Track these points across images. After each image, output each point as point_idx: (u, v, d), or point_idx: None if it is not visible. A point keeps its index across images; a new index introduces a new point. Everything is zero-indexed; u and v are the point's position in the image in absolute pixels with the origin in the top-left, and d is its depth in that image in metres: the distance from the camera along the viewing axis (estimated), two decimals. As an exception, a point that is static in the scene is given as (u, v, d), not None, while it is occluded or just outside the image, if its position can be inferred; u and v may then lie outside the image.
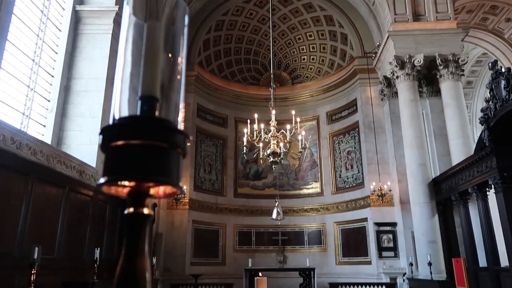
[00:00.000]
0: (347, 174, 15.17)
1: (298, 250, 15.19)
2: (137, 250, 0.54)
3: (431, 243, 10.55)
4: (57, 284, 7.06)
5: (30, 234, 6.55)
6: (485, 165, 8.87)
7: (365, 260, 13.58)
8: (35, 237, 6.42)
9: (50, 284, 6.76)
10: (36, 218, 6.85)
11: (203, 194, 14.89)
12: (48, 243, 6.91)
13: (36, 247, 5.04)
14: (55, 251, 7.41)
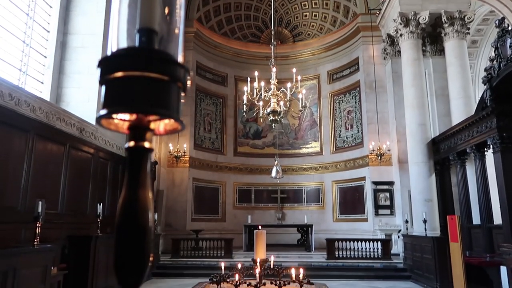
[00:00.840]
0: (346, 134, 15.21)
1: (297, 208, 15.53)
2: (139, 182, 0.54)
3: (427, 201, 10.76)
4: (61, 238, 7.26)
5: (33, 189, 6.67)
6: (485, 125, 8.87)
7: (361, 218, 13.92)
8: (38, 192, 6.53)
9: (55, 238, 6.95)
10: (38, 174, 6.94)
11: (203, 152, 15.00)
12: (51, 199, 7.05)
13: (40, 201, 5.13)
14: (58, 206, 7.58)
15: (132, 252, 0.54)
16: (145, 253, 0.54)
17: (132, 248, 0.53)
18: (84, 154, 8.68)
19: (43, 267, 5.01)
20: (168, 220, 13.38)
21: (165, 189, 13.41)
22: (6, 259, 4.39)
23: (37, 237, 5.22)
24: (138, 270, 0.54)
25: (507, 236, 7.78)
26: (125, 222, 0.54)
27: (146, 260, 0.54)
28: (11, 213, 6.21)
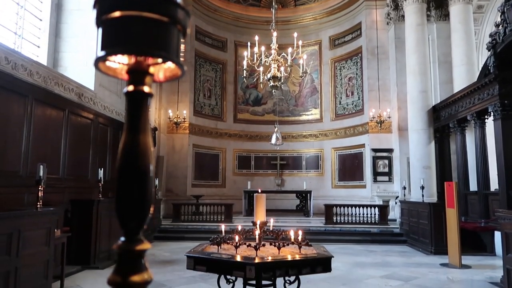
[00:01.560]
0: (347, 101, 15.12)
1: (296, 174, 15.68)
2: (139, 127, 0.54)
3: (426, 168, 10.85)
4: (64, 202, 7.38)
5: (34, 154, 6.71)
6: (487, 92, 8.81)
7: (360, 184, 14.08)
8: (39, 157, 6.57)
9: (57, 202, 7.06)
10: (39, 139, 6.96)
11: (203, 119, 14.96)
12: (52, 164, 7.10)
13: (41, 165, 5.17)
14: (60, 171, 7.65)
15: (133, 196, 0.54)
16: (146, 197, 0.54)
17: (133, 192, 0.54)
18: (84, 119, 8.66)
19: (47, 229, 5.11)
20: (169, 186, 13.54)
21: (165, 155, 13.48)
22: (10, 221, 4.47)
23: (39, 201, 5.28)
24: (140, 214, 0.55)
25: (502, 202, 7.91)
26: (126, 166, 0.54)
27: (147, 205, 0.55)
28: (13, 178, 6.28)
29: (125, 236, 0.56)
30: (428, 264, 7.62)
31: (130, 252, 0.55)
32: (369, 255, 8.48)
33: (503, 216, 5.38)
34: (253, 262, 2.98)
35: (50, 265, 5.18)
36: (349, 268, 7.09)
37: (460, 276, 6.60)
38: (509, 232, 5.19)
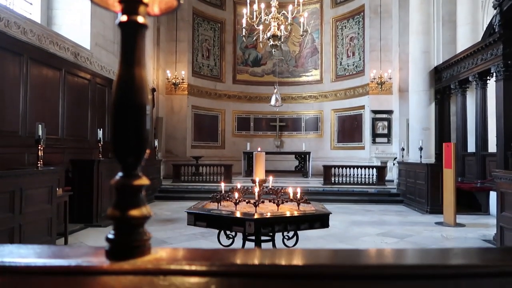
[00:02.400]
0: (348, 62, 14.88)
1: (295, 136, 15.71)
2: (134, 60, 0.52)
3: (425, 130, 10.85)
4: (64, 162, 7.43)
5: (32, 114, 6.68)
6: (491, 52, 8.66)
7: (358, 146, 14.15)
8: (38, 117, 6.55)
9: (58, 162, 7.11)
10: (36, 99, 6.90)
11: (201, 80, 14.78)
12: (51, 124, 7.08)
13: (40, 125, 5.15)
14: (59, 131, 7.65)
15: (130, 131, 0.53)
16: (143, 132, 0.53)
17: (129, 127, 0.53)
18: (81, 80, 8.56)
19: (48, 188, 5.18)
20: (168, 147, 13.60)
21: (164, 116, 13.44)
22: (12, 180, 4.52)
23: (40, 160, 5.31)
24: (137, 149, 0.54)
25: (500, 162, 7.98)
26: (121, 100, 0.53)
27: (145, 140, 0.54)
28: (12, 138, 6.29)
29: (123, 171, 0.55)
30: (424, 222, 7.80)
31: (128, 187, 0.55)
32: (366, 214, 8.66)
33: (499, 175, 5.44)
34: (252, 217, 3.04)
35: (54, 222, 5.28)
36: (346, 226, 7.25)
37: (454, 234, 6.77)
38: (504, 191, 5.27)
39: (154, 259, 0.54)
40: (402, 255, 0.61)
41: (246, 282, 0.50)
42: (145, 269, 0.51)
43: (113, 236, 0.54)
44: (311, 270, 0.52)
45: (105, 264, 0.52)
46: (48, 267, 0.52)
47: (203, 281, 0.50)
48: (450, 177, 7.66)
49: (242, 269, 0.52)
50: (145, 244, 0.55)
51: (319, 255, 0.59)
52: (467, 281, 0.51)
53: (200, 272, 0.51)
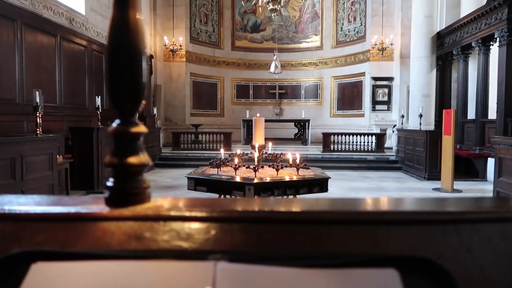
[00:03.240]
0: (349, 27, 14.57)
1: (294, 103, 15.62)
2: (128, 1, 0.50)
3: (425, 96, 10.78)
4: (64, 130, 7.42)
5: (29, 82, 6.61)
6: (495, 17, 8.47)
7: (358, 113, 14.10)
8: (34, 85, 6.48)
9: (57, 130, 7.10)
10: (32, 66, 6.81)
11: (199, 46, 14.52)
12: (48, 91, 7.02)
13: (37, 91, 5.11)
14: (57, 99, 7.59)
15: (126, 76, 0.52)
16: (139, 77, 0.52)
17: (125, 72, 0.51)
18: (77, 46, 8.41)
19: (49, 155, 5.20)
20: (167, 115, 13.55)
21: (163, 84, 13.31)
22: (12, 147, 4.53)
23: (39, 127, 5.30)
24: (134, 95, 0.53)
25: (499, 129, 7.98)
26: (116, 44, 0.51)
27: (141, 85, 0.52)
28: (10, 106, 6.25)
29: (120, 118, 0.54)
30: (421, 188, 7.89)
31: (126, 134, 0.54)
32: (365, 181, 8.75)
33: (498, 141, 5.46)
34: (252, 182, 3.06)
35: (55, 189, 5.34)
36: (344, 192, 7.34)
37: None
38: (503, 156, 5.30)
39: (154, 206, 0.54)
40: (401, 203, 0.61)
41: (246, 227, 0.50)
42: (145, 215, 0.51)
43: (112, 183, 0.54)
44: (309, 215, 0.53)
45: (104, 211, 0.52)
46: (47, 214, 0.52)
47: (203, 226, 0.50)
48: (449, 144, 7.68)
49: (242, 215, 0.52)
50: (145, 191, 0.55)
51: (318, 203, 0.60)
52: (467, 226, 0.51)
53: (200, 218, 0.51)
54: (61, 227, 0.50)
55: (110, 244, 0.48)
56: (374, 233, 0.50)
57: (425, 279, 0.44)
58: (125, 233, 0.49)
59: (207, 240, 0.48)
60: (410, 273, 0.44)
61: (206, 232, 0.50)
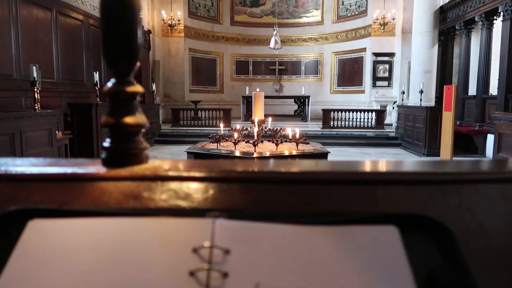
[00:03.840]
0: (350, 1, 14.28)
1: (294, 80, 15.49)
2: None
3: (426, 72, 10.67)
4: (62, 106, 7.38)
5: (25, 57, 6.53)
6: (500, -10, 8.30)
7: (358, 89, 14.01)
8: (31, 60, 6.40)
9: (56, 105, 7.07)
10: (28, 41, 6.71)
11: (198, 21, 14.27)
12: (46, 67, 6.95)
13: (34, 66, 5.05)
14: (54, 75, 7.52)
15: (121, 33, 0.50)
16: (134, 33, 0.50)
17: (120, 29, 0.50)
18: (74, 21, 8.26)
19: (48, 130, 5.19)
20: (167, 91, 13.46)
21: (161, 60, 13.16)
22: (10, 122, 4.51)
23: (37, 103, 5.27)
24: (130, 52, 0.51)
25: (499, 104, 7.95)
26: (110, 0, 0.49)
27: (136, 42, 0.51)
28: (7, 82, 6.19)
29: (115, 77, 0.53)
30: (420, 164, 7.91)
31: (121, 93, 0.53)
32: (364, 157, 8.77)
33: (498, 117, 5.45)
34: (251, 156, 3.07)
35: (55, 164, 5.35)
36: (344, 168, 7.37)
37: (449, 175, 6.89)
38: (502, 132, 5.30)
39: (152, 167, 0.53)
40: (400, 165, 0.61)
41: (245, 187, 0.50)
42: (143, 175, 0.51)
43: (109, 144, 0.53)
44: (308, 176, 0.52)
45: (101, 171, 0.51)
46: (43, 174, 0.51)
47: (201, 186, 0.50)
48: (449, 120, 7.66)
49: (241, 175, 0.51)
50: (142, 152, 0.54)
51: (317, 165, 0.59)
52: (467, 186, 0.51)
53: (199, 177, 0.51)
54: (57, 187, 0.50)
55: (108, 204, 0.47)
56: (373, 193, 0.50)
57: (425, 236, 0.44)
58: (122, 193, 0.49)
59: (206, 199, 0.48)
60: (410, 230, 0.44)
61: (204, 191, 0.49)
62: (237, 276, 0.38)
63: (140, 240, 0.41)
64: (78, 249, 0.40)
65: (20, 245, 0.41)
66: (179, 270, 0.38)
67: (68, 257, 0.39)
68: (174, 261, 0.39)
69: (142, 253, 0.40)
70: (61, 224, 0.43)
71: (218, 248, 0.40)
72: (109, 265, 0.39)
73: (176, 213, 0.45)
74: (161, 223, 0.43)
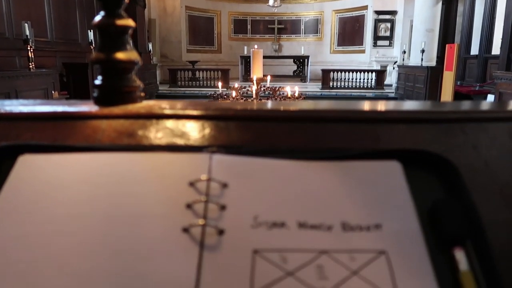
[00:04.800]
0: (352, -44, 13.73)
1: (294, 39, 15.14)
2: None
3: (429, 31, 10.43)
4: (57, 66, 7.26)
5: (17, 14, 6.32)
6: None
7: (359, 49, 13.74)
8: (23, 18, 6.20)
9: (51, 65, 6.94)
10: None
11: (194, -23, 13.76)
12: (39, 25, 6.74)
13: (26, 23, 4.90)
14: (48, 33, 7.33)
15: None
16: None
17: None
18: (65, -23, 7.95)
19: (44, 90, 5.12)
20: (163, 51, 13.19)
21: (157, 18, 12.79)
22: (6, 81, 4.45)
23: (31, 62, 5.17)
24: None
25: (501, 64, 7.83)
26: None
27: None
28: (0, 41, 6.03)
29: (104, 10, 0.50)
30: (419, 125, 7.91)
31: (111, 27, 0.50)
32: (363, 118, 8.74)
33: (500, 76, 5.38)
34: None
35: (53, 125, 5.32)
36: (343, 129, 7.36)
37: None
38: (503, 91, 5.25)
39: (147, 105, 0.51)
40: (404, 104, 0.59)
41: (243, 125, 0.48)
42: (137, 113, 0.49)
43: (101, 81, 0.51)
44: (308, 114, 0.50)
45: (94, 109, 0.49)
46: (33, 113, 0.49)
47: (198, 124, 0.48)
48: (450, 80, 7.58)
49: (239, 113, 0.50)
50: (136, 91, 0.52)
51: (317, 104, 0.57)
52: (473, 124, 0.49)
53: (195, 116, 0.49)
54: (48, 126, 0.48)
55: (101, 141, 0.46)
56: (375, 132, 0.48)
57: (429, 172, 0.43)
58: (116, 131, 0.47)
59: (203, 137, 0.46)
60: (413, 166, 0.43)
61: (201, 129, 0.47)
62: (235, 208, 0.38)
63: (135, 174, 0.40)
64: (70, 182, 0.39)
65: (11, 180, 0.39)
66: (176, 203, 0.37)
67: (60, 190, 0.38)
68: (171, 194, 0.38)
69: (138, 186, 0.39)
70: (53, 159, 0.41)
71: (216, 181, 0.39)
72: (103, 197, 0.38)
73: (172, 150, 0.43)
74: (156, 157, 0.42)
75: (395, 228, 0.37)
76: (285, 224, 0.37)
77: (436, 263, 0.36)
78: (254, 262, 0.34)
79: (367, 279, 0.34)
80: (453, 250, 0.37)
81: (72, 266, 0.33)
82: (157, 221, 0.36)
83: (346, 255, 0.35)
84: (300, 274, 0.34)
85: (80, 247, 0.34)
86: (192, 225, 0.36)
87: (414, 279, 0.34)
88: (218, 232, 0.36)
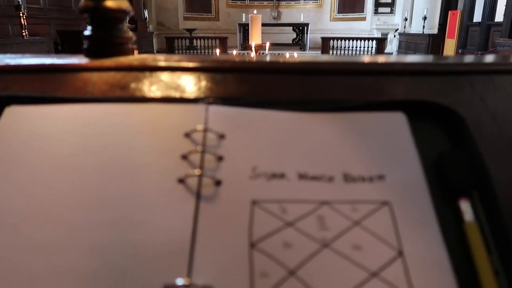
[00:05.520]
0: None
1: (293, 6, 14.76)
2: None
3: (431, -3, 10.19)
4: (51, 34, 7.10)
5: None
6: None
7: (359, 16, 13.44)
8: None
9: (45, 33, 6.79)
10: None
11: None
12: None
13: (16, -12, 4.75)
14: (40, 0, 7.12)
15: None
16: None
17: None
18: None
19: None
20: (160, 19, 12.89)
21: (153, -16, 12.43)
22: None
23: (25, 30, 5.04)
24: None
25: (505, 31, 7.69)
26: None
27: None
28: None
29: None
30: (419, 94, 7.85)
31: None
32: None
33: (503, 43, 5.30)
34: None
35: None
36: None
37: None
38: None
39: (140, 57, 0.49)
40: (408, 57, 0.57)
41: (241, 77, 0.46)
42: (129, 65, 0.46)
43: (90, 32, 0.48)
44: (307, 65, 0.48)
45: (83, 61, 0.47)
46: (20, 65, 0.47)
47: (193, 77, 0.46)
48: (451, 48, 7.47)
49: (236, 65, 0.47)
50: (128, 43, 0.50)
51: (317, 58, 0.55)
52: (481, 77, 0.47)
53: (191, 68, 0.46)
54: (36, 79, 0.46)
55: (92, 94, 0.44)
56: (379, 83, 0.46)
57: (435, 123, 0.42)
58: (107, 83, 0.45)
59: (199, 89, 0.44)
60: (419, 118, 0.41)
61: (197, 82, 0.45)
62: (233, 159, 0.36)
63: (128, 125, 0.38)
64: (61, 133, 0.37)
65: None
66: (170, 154, 0.36)
67: (50, 142, 0.37)
68: (165, 145, 0.37)
69: (131, 137, 0.37)
70: (42, 110, 0.39)
71: (212, 132, 0.37)
72: (95, 148, 0.36)
73: (166, 102, 0.41)
74: (151, 108, 0.40)
75: (399, 179, 0.36)
76: (285, 175, 0.35)
77: (441, 214, 0.35)
78: (253, 212, 0.33)
79: (369, 229, 0.33)
80: (458, 201, 0.36)
81: (63, 216, 0.32)
82: (150, 172, 0.35)
83: (348, 206, 0.34)
84: (300, 224, 0.33)
85: (72, 198, 0.33)
86: (188, 176, 0.35)
87: (418, 229, 0.33)
88: (215, 183, 0.35)
